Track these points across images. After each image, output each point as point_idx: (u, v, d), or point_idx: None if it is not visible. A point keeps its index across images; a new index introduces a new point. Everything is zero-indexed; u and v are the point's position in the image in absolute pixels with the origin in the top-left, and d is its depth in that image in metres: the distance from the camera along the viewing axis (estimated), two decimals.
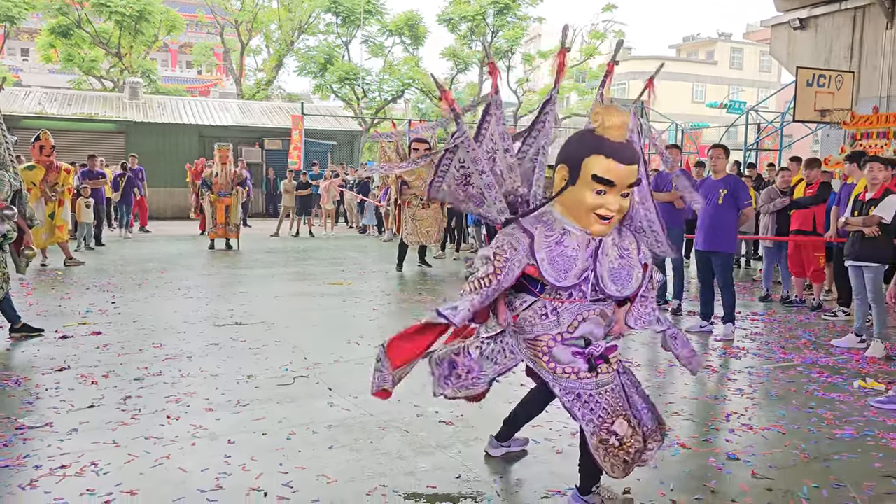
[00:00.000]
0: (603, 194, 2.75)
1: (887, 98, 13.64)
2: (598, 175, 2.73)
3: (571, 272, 2.82)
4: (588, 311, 2.89)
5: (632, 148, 2.78)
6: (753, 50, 48.40)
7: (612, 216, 2.80)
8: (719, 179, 6.72)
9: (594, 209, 2.78)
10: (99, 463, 3.43)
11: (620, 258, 2.91)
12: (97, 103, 22.36)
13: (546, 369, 2.94)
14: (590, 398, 2.92)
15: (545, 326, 2.90)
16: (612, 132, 2.74)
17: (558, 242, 2.84)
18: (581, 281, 2.83)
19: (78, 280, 8.98)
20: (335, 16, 29.06)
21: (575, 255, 2.83)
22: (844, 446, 3.90)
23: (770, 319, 7.51)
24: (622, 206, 2.81)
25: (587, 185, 2.76)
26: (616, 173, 2.73)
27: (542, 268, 2.81)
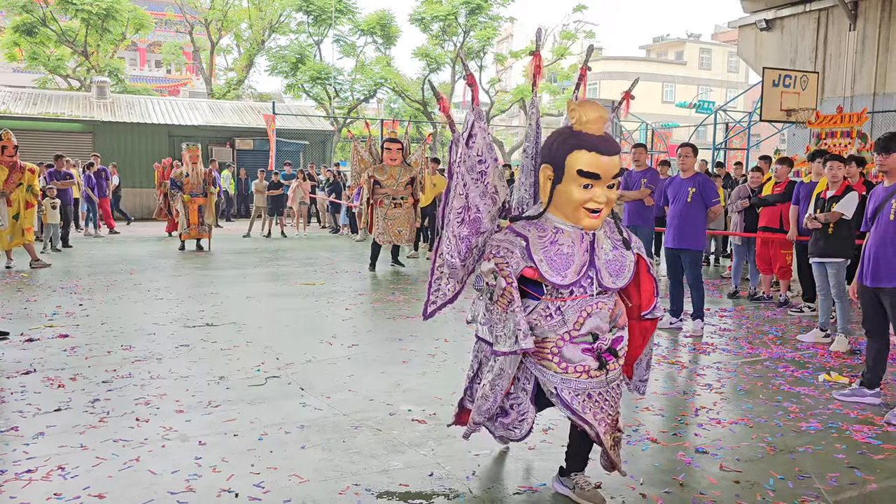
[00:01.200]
0: (590, 188, 2.80)
1: (851, 98, 13.92)
2: (584, 170, 2.77)
3: (571, 269, 2.85)
4: (592, 306, 2.90)
5: (612, 140, 2.84)
6: (721, 50, 49.12)
7: (601, 209, 2.83)
8: (688, 178, 6.81)
9: (583, 204, 2.81)
10: (66, 467, 3.38)
11: (614, 249, 2.97)
12: (63, 103, 21.98)
13: (556, 370, 2.91)
14: (600, 396, 2.94)
15: (551, 327, 2.90)
16: (590, 126, 2.80)
17: (553, 242, 2.88)
18: (581, 277, 2.86)
19: (44, 282, 8.82)
20: (306, 15, 28.88)
21: (571, 252, 2.87)
22: (809, 438, 3.98)
23: (738, 315, 7.63)
24: (609, 197, 2.84)
25: (573, 180, 2.80)
26: (600, 166, 2.78)
27: (541, 269, 2.83)
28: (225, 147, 21.86)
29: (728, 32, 39.70)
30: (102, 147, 20.04)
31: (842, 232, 6.12)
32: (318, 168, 20.28)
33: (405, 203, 10.23)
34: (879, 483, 3.41)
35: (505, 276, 2.84)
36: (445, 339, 6.04)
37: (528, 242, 2.87)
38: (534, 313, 2.92)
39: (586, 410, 2.91)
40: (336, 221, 17.60)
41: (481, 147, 3.06)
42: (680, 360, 5.78)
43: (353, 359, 5.48)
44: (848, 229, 6.12)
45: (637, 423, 4.16)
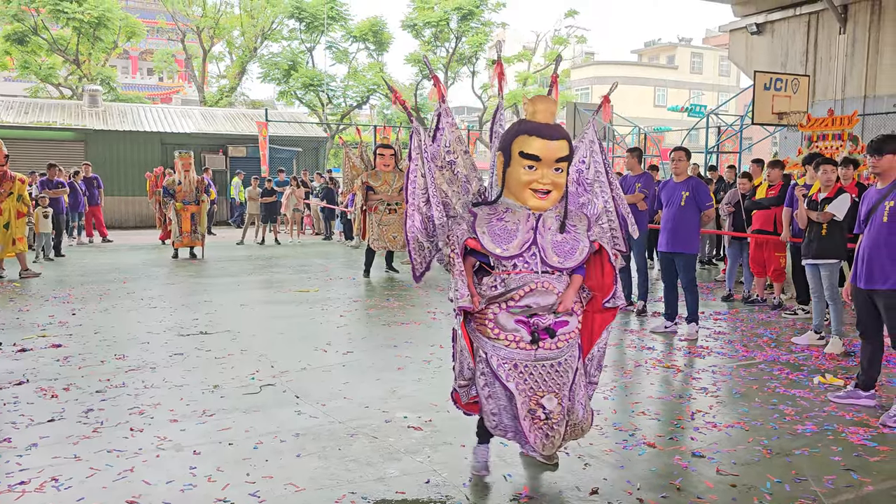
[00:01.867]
0: (534, 170, 3.06)
1: (842, 101, 14.00)
2: (525, 151, 3.05)
3: (513, 243, 3.09)
4: (536, 283, 3.09)
5: (557, 127, 3.08)
6: (713, 55, 49.35)
7: (546, 189, 3.09)
8: (681, 182, 6.83)
9: (528, 185, 3.08)
10: (60, 478, 3.35)
11: (565, 233, 3.15)
12: (55, 111, 21.90)
13: (489, 336, 3.15)
14: (525, 369, 3.12)
15: (493, 297, 3.13)
16: (537, 116, 3.10)
17: (500, 218, 3.15)
18: (524, 251, 3.08)
19: (37, 292, 8.78)
20: (298, 22, 28.92)
21: (515, 228, 3.12)
22: (805, 441, 3.98)
23: (733, 319, 7.65)
24: (555, 180, 3.08)
25: (518, 163, 3.08)
26: (540, 148, 3.03)
27: (483, 240, 3.10)
28: (218, 154, 21.82)
29: (719, 37, 39.93)
30: (94, 155, 19.97)
31: (835, 233, 6.14)
32: (312, 175, 20.25)
33: (399, 209, 10.22)
34: (876, 485, 3.41)
35: (450, 246, 3.16)
36: (441, 346, 6.03)
37: (475, 218, 3.16)
38: (483, 284, 3.16)
39: (510, 378, 3.11)
40: (329, 228, 17.58)
41: (449, 139, 3.39)
42: (675, 363, 5.78)
43: (348, 366, 5.46)
44: (840, 231, 6.14)
45: (633, 428, 4.15)
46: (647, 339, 6.65)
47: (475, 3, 28.11)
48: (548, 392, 3.11)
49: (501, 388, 3.14)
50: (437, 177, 3.32)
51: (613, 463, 3.63)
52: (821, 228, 6.17)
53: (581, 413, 3.24)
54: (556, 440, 3.14)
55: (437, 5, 28.43)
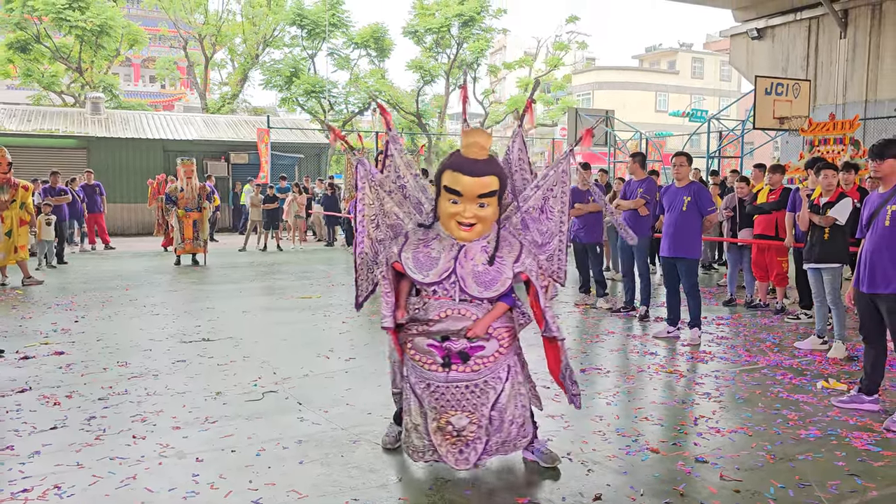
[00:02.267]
0: (457, 203, 3.20)
1: (843, 105, 14.01)
2: (448, 186, 3.21)
3: (433, 270, 3.23)
4: (453, 310, 3.23)
5: (484, 163, 3.19)
6: (714, 59, 49.38)
7: (471, 223, 3.22)
8: (683, 187, 6.83)
9: (453, 217, 3.23)
10: (62, 486, 3.35)
11: (488, 264, 3.26)
12: (58, 119, 21.95)
13: (409, 355, 3.36)
14: (436, 389, 3.28)
15: (415, 319, 3.32)
16: (466, 150, 3.24)
17: (426, 245, 3.31)
18: (443, 279, 3.22)
19: (39, 299, 8.79)
20: (300, 29, 29.01)
21: (438, 257, 3.27)
22: (809, 446, 3.97)
23: (735, 323, 7.63)
24: (478, 214, 3.21)
25: (444, 195, 3.24)
26: (461, 184, 3.16)
27: (406, 265, 3.27)
28: (220, 161, 21.86)
29: (720, 42, 39.99)
30: (97, 163, 20.00)
31: (837, 238, 6.14)
32: (314, 181, 20.28)
33: None
34: (880, 490, 3.40)
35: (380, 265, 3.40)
36: None
37: (406, 241, 3.34)
38: (411, 305, 3.35)
39: (424, 396, 3.32)
40: (332, 234, 17.59)
41: (399, 165, 3.60)
42: (678, 369, 5.77)
43: (351, 372, 5.45)
44: (843, 235, 6.14)
45: (636, 433, 4.14)
46: (650, 344, 6.64)
47: (476, 10, 28.20)
48: (460, 411, 3.27)
49: (417, 405, 3.36)
50: (385, 202, 3.51)
51: (616, 469, 3.62)
52: (823, 233, 6.17)
53: (515, 431, 3.40)
54: (472, 457, 3.32)
55: (438, 12, 28.52)
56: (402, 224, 3.53)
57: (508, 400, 3.36)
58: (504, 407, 3.35)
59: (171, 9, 29.59)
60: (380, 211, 3.51)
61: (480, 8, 28.35)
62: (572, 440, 3.99)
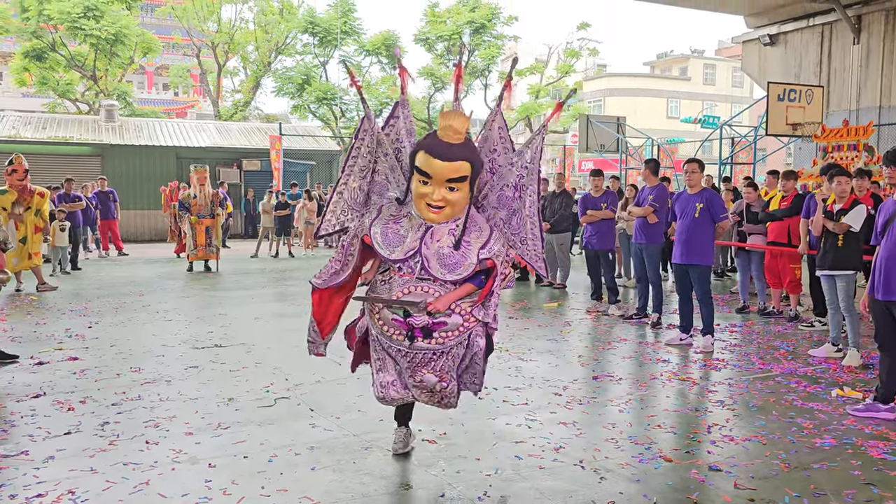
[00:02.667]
0: (427, 185, 3.22)
1: (857, 111, 13.91)
2: (419, 167, 3.23)
3: (400, 248, 3.28)
4: (414, 287, 3.28)
5: (458, 147, 3.20)
6: (725, 66, 49.23)
7: (439, 205, 3.25)
8: (695, 193, 6.80)
9: (422, 198, 3.26)
10: (76, 491, 3.37)
11: (454, 247, 3.29)
12: (72, 126, 22.16)
13: (376, 324, 3.43)
14: (406, 354, 3.40)
15: (381, 291, 3.38)
16: (441, 132, 3.22)
17: (396, 221, 3.35)
18: (408, 257, 3.28)
19: (54, 305, 8.85)
20: (312, 36, 29.14)
21: (406, 235, 3.31)
22: (824, 455, 3.94)
23: (748, 331, 7.59)
24: (447, 197, 3.24)
25: (415, 176, 3.27)
26: (431, 166, 3.18)
27: (374, 240, 3.32)
28: (232, 168, 21.98)
29: (732, 48, 39.87)
30: (111, 170, 20.16)
31: (851, 244, 6.10)
32: (325, 187, 20.35)
33: None
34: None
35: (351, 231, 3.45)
36: None
37: (378, 216, 3.38)
38: (378, 275, 3.44)
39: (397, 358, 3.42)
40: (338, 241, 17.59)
41: (401, 130, 3.57)
42: (691, 376, 5.74)
43: (363, 379, 5.40)
44: (857, 242, 6.10)
45: (649, 441, 4.12)
46: (663, 351, 6.60)
47: (487, 17, 28.25)
48: (430, 371, 3.37)
49: (392, 363, 3.46)
50: (379, 161, 3.50)
51: (629, 476, 3.60)
52: (836, 239, 6.12)
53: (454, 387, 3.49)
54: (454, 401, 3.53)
55: (449, 19, 28.59)
56: (387, 186, 3.54)
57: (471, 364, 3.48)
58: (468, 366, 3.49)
59: (185, 17, 29.83)
60: (373, 167, 3.52)
61: (492, 15, 28.41)
62: (584, 448, 3.97)
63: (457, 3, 29.26)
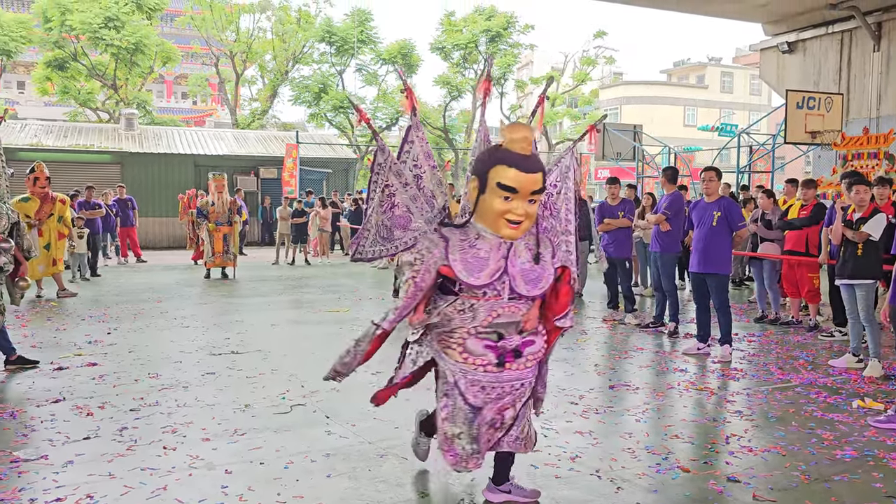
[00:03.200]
0: (509, 200, 3.06)
1: (877, 119, 13.79)
2: (502, 183, 3.05)
3: (484, 272, 3.12)
4: (503, 308, 3.14)
5: (535, 159, 3.10)
6: (743, 73, 48.95)
7: (520, 220, 3.10)
8: (713, 202, 6.76)
9: (503, 214, 3.08)
10: (95, 495, 3.39)
11: (533, 261, 3.19)
12: (93, 135, 22.44)
13: (457, 359, 3.19)
14: (493, 390, 3.19)
15: (462, 321, 3.18)
16: (514, 145, 3.08)
17: (472, 245, 3.17)
18: (494, 280, 3.12)
19: (73, 311, 8.95)
20: (329, 45, 29.39)
21: (487, 257, 3.14)
22: (845, 467, 3.89)
23: (767, 340, 7.51)
24: (528, 211, 3.10)
25: (494, 192, 3.08)
26: (518, 181, 3.04)
27: (455, 268, 3.12)
28: (249, 176, 22.14)
29: (750, 55, 39.61)
30: (130, 177, 20.39)
31: (870, 253, 6.03)
32: (342, 196, 20.44)
33: None
34: None
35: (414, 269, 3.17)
36: None
37: (448, 244, 3.16)
38: (450, 307, 3.19)
39: (477, 398, 3.18)
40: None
41: (417, 154, 3.43)
42: (709, 386, 5.69)
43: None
44: (876, 251, 6.03)
45: (666, 451, 4.09)
46: (680, 360, 6.56)
47: (503, 25, 28.34)
48: (508, 406, 3.23)
49: (468, 409, 3.18)
50: (398, 193, 3.35)
51: (646, 487, 3.57)
52: (856, 248, 6.06)
53: (528, 429, 3.36)
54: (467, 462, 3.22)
55: (465, 28, 28.71)
56: (409, 218, 3.38)
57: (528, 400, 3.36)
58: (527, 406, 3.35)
59: (204, 27, 30.18)
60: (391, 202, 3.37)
61: (508, 24, 28.50)
62: (601, 457, 3.95)
63: (473, 12, 29.39)
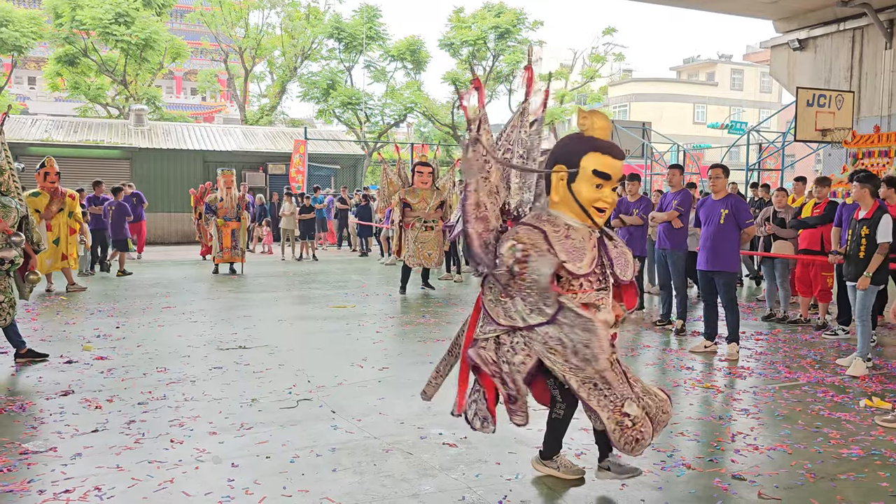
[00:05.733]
0: (601, 188, 3.07)
1: (888, 117, 13.68)
2: (598, 170, 3.04)
3: (584, 261, 3.08)
4: (599, 300, 3.11)
5: (618, 146, 3.11)
6: (754, 71, 48.69)
7: (606, 207, 3.12)
8: (720, 199, 6.73)
9: (594, 202, 3.08)
10: (102, 487, 3.42)
11: (616, 248, 3.24)
12: (103, 130, 22.55)
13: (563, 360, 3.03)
14: (603, 384, 3.08)
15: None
16: (600, 133, 3.07)
17: (567, 236, 3.10)
18: (595, 267, 3.10)
19: (83, 305, 9.00)
20: (338, 42, 29.38)
21: (583, 247, 3.12)
22: (851, 466, 3.87)
23: (774, 339, 7.48)
24: (613, 198, 3.15)
25: (587, 180, 3.05)
26: (612, 167, 3.06)
27: (560, 258, 3.03)
28: (258, 172, 22.21)
29: (760, 53, 39.40)
30: (140, 173, 20.49)
31: (871, 256, 5.96)
32: (351, 192, 20.47)
33: (436, 226, 10.27)
34: None
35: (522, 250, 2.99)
36: None
37: (545, 234, 3.07)
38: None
39: (591, 397, 3.06)
40: (366, 244, 17.71)
41: (487, 148, 3.26)
42: (715, 384, 5.68)
43: (384, 381, 5.48)
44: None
45: (672, 449, 4.08)
46: (687, 358, 6.54)
47: (512, 22, 28.27)
48: (625, 399, 3.10)
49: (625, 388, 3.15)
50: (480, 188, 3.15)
51: (651, 484, 3.57)
52: (858, 250, 6.01)
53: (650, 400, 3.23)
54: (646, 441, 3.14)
55: (474, 24, 28.65)
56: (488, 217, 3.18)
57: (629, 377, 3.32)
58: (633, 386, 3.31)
59: (213, 23, 30.24)
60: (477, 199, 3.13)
61: (517, 20, 28.42)
62: None
63: (482, 9, 29.33)
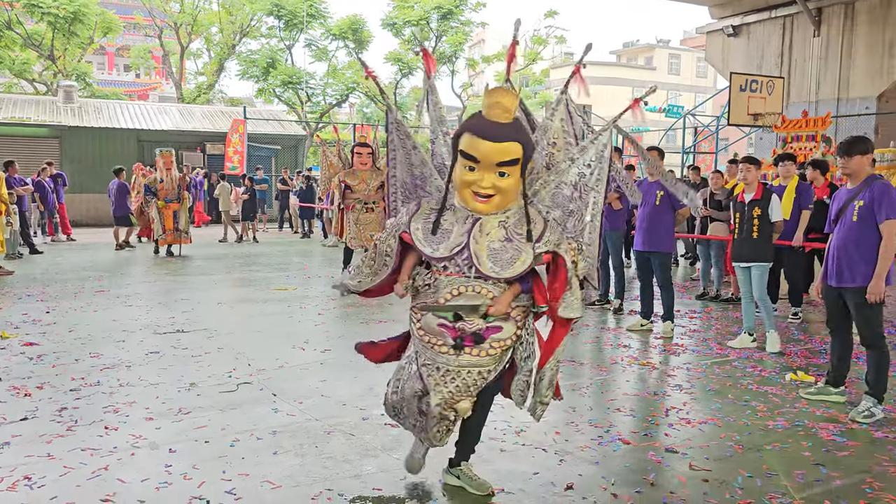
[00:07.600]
0: (473, 171, 2.84)
1: (815, 103, 14.21)
2: (464, 151, 2.83)
3: (444, 244, 2.92)
4: (466, 287, 2.92)
5: (508, 127, 2.81)
6: (690, 56, 49.79)
7: (488, 193, 2.86)
8: (655, 181, 6.89)
9: (467, 186, 2.87)
10: (33, 476, 3.32)
11: (506, 240, 2.91)
12: (29, 107, 21.56)
13: (417, 336, 3.03)
14: (447, 374, 2.96)
15: (424, 295, 3.01)
16: (487, 111, 2.84)
17: (431, 216, 2.99)
18: (454, 254, 2.90)
19: (9, 289, 8.65)
20: (277, 19, 28.74)
21: (451, 230, 2.94)
22: (777, 437, 4.05)
23: (707, 317, 7.74)
24: (497, 184, 2.84)
25: (460, 161, 2.87)
26: (479, 149, 2.79)
27: (414, 237, 2.96)
28: (196, 152, 21.65)
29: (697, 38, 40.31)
30: (70, 153, 19.70)
31: (764, 236, 6.16)
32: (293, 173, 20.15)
33: (377, 207, 10.20)
34: (844, 479, 3.48)
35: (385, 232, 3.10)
36: None
37: (417, 209, 3.03)
38: (420, 279, 3.03)
39: (429, 378, 2.97)
40: (308, 226, 17.51)
41: (432, 118, 3.23)
42: (651, 361, 5.85)
43: (326, 364, 5.45)
44: (770, 233, 6.17)
45: (609, 424, 4.20)
46: (624, 336, 6.71)
47: (455, 3, 28.14)
48: (467, 398, 2.99)
49: (415, 386, 3.02)
50: (411, 155, 3.24)
51: (589, 459, 3.67)
52: (752, 231, 6.14)
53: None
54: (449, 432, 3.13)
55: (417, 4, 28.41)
56: (426, 177, 3.22)
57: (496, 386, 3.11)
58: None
59: None
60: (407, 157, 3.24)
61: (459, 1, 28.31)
62: (545, 431, 4.03)
63: None
